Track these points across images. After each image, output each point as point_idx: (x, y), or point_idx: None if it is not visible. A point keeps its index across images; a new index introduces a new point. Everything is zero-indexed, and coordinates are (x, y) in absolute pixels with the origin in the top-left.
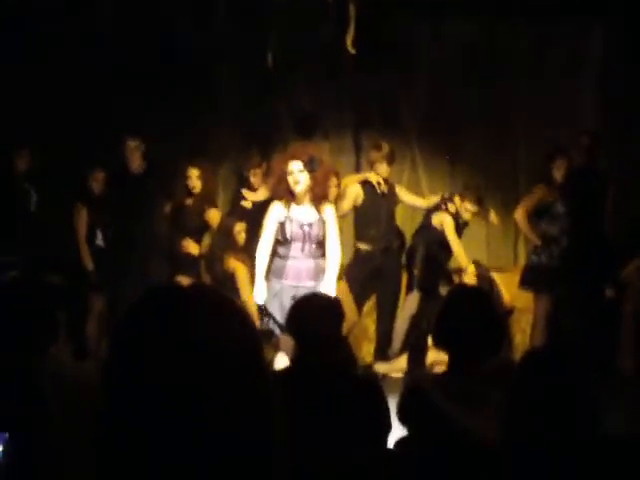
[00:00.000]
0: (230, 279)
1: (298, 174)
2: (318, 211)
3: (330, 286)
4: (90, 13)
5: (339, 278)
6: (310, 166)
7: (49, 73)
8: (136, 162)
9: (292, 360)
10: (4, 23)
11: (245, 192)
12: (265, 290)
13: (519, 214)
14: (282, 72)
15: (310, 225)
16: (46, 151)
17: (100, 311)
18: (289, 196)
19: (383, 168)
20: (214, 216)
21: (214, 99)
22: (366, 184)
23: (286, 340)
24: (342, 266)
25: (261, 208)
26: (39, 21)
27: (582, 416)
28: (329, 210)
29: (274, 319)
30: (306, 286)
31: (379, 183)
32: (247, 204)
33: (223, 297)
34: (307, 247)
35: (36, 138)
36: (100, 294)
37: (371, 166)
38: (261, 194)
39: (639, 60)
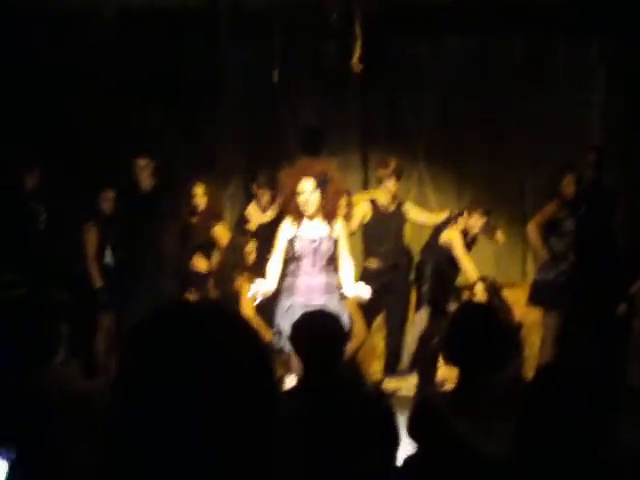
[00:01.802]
0: (237, 297)
1: (309, 194)
2: (329, 226)
3: (352, 287)
4: (95, 34)
5: None
6: (322, 185)
7: (57, 93)
8: (146, 181)
9: (299, 379)
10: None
11: (248, 213)
12: (276, 280)
13: (532, 228)
14: (288, 89)
15: (320, 240)
16: (56, 170)
17: (109, 329)
18: (299, 213)
19: (391, 184)
20: (221, 232)
21: (220, 116)
22: (374, 201)
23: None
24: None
25: (268, 228)
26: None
27: (594, 433)
28: (339, 225)
29: (285, 336)
30: (317, 303)
31: (385, 206)
32: (251, 226)
33: (232, 313)
34: (318, 263)
35: (46, 157)
36: (109, 312)
37: (379, 183)
38: (266, 215)
39: None
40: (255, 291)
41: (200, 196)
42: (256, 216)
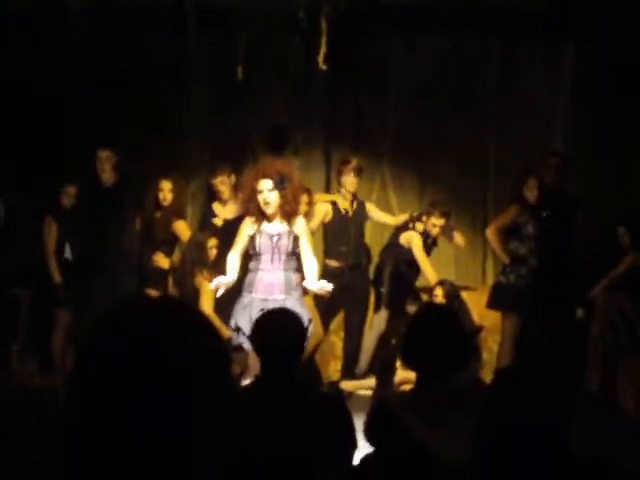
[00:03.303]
0: (197, 294)
1: (268, 193)
2: (289, 225)
3: (313, 283)
4: (60, 27)
5: (306, 294)
6: (280, 185)
7: (20, 85)
8: (107, 174)
9: (256, 376)
10: None
11: (215, 207)
12: (235, 271)
13: (491, 232)
14: (252, 86)
15: (279, 236)
16: (16, 165)
17: (67, 325)
18: (259, 213)
19: (350, 180)
20: (182, 228)
21: (184, 114)
22: (335, 202)
23: (254, 356)
24: None
25: (232, 225)
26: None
27: (552, 436)
28: (300, 222)
29: (243, 333)
30: (276, 299)
31: (346, 210)
32: (218, 221)
33: (191, 309)
34: (276, 259)
35: (5, 152)
36: (67, 308)
37: (339, 178)
38: (231, 211)
39: (610, 80)
40: (218, 282)
41: (167, 191)
42: (222, 212)
